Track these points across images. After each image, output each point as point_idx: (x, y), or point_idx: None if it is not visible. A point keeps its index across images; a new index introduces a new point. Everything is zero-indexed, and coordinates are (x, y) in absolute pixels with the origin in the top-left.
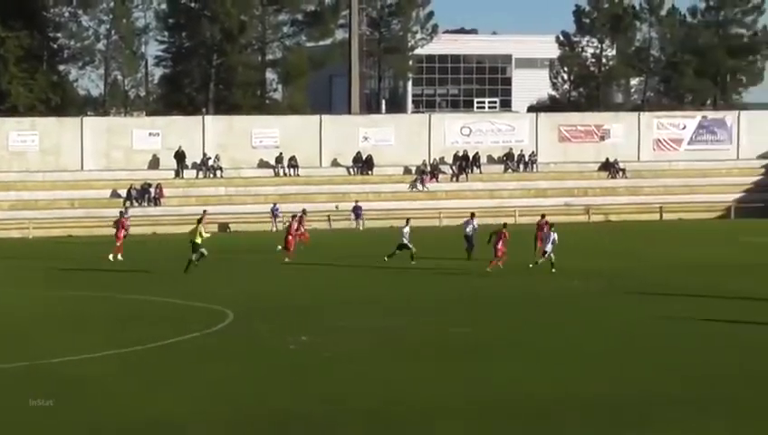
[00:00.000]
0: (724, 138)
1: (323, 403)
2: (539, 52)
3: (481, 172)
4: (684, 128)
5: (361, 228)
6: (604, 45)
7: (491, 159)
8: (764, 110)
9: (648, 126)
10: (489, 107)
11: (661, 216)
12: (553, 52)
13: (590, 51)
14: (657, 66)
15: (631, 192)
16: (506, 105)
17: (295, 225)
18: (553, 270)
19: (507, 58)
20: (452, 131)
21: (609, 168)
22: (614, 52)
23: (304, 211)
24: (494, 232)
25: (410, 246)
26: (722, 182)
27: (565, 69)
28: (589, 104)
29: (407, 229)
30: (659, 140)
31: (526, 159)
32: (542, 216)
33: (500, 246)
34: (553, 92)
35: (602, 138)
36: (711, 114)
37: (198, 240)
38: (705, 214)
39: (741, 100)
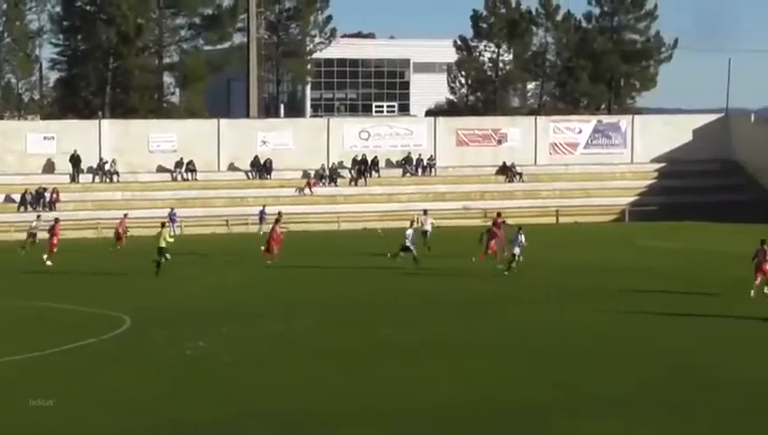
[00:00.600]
0: (619, 142)
1: (220, 408)
2: (437, 56)
3: (380, 176)
4: (579, 132)
5: (261, 233)
6: (501, 50)
7: (389, 163)
8: (657, 114)
9: (544, 130)
10: (388, 111)
11: (557, 219)
12: (451, 56)
13: (488, 55)
14: (553, 71)
15: (528, 196)
16: (405, 109)
17: (278, 228)
18: (507, 271)
19: (405, 62)
20: (351, 135)
21: (507, 171)
22: (511, 56)
23: (280, 214)
24: (486, 230)
25: (412, 247)
26: (616, 186)
27: (463, 73)
28: (486, 108)
29: (410, 231)
30: (555, 144)
31: (424, 163)
32: (498, 214)
33: (492, 244)
34: (451, 97)
35: (500, 142)
36: (606, 119)
37: (163, 244)
38: (600, 217)
39: (635, 104)
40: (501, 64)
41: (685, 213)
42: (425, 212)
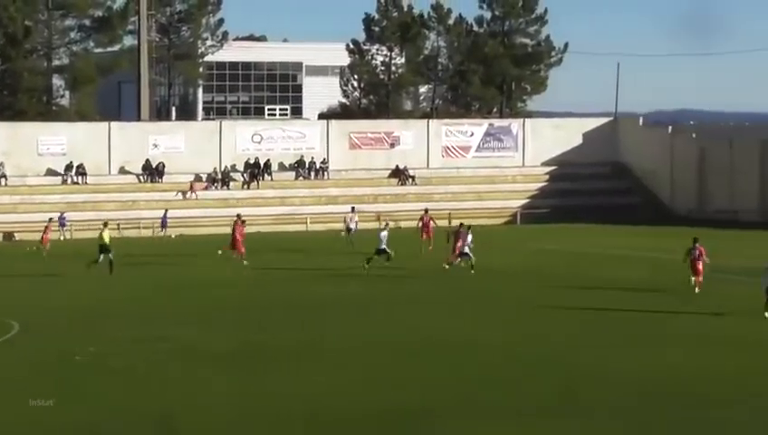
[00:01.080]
0: (510, 145)
1: (110, 414)
2: (329, 59)
3: (272, 179)
4: (471, 135)
5: (164, 236)
6: (393, 53)
7: (282, 167)
8: (548, 118)
9: (436, 133)
10: (280, 114)
11: (450, 221)
12: (344, 59)
13: (380, 59)
14: (446, 74)
15: (421, 199)
16: (297, 112)
17: (242, 228)
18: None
19: (298, 65)
20: (243, 139)
21: (399, 175)
22: (403, 60)
23: (239, 216)
24: (453, 232)
25: (388, 250)
26: (508, 189)
27: (355, 77)
28: (379, 112)
29: (384, 233)
30: (448, 148)
31: (317, 166)
32: (426, 211)
33: (459, 244)
34: (344, 100)
35: (392, 145)
36: (497, 122)
37: (106, 240)
38: (492, 220)
39: (526, 108)
40: (393, 68)
41: (575, 215)
42: (352, 209)
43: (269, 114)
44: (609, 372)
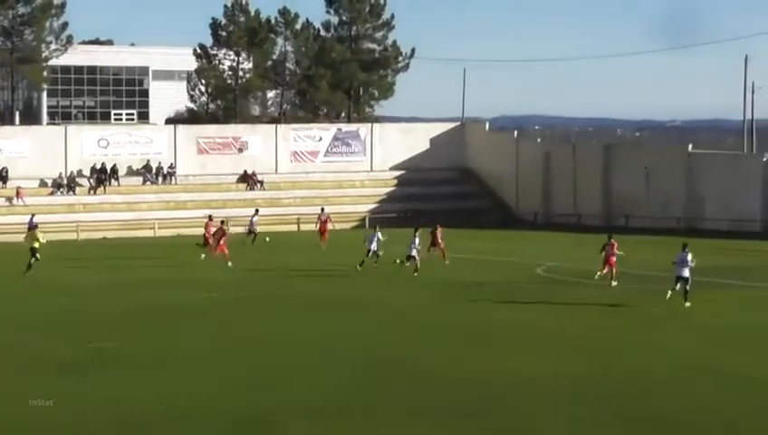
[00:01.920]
0: (359, 150)
1: None
2: (177, 64)
3: (119, 185)
4: (320, 140)
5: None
6: (241, 58)
7: (130, 172)
8: (395, 122)
9: (284, 138)
10: (127, 119)
11: (299, 226)
12: (191, 64)
13: (228, 63)
14: (293, 79)
15: (269, 204)
16: (144, 117)
17: (212, 229)
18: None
19: (144, 70)
20: (89, 143)
21: (248, 179)
22: (251, 65)
23: (210, 217)
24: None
25: (379, 254)
26: (357, 193)
27: (203, 81)
28: (227, 117)
29: (378, 235)
30: (296, 152)
31: (165, 171)
32: (322, 209)
33: (438, 240)
34: (191, 105)
35: (240, 150)
36: (345, 127)
37: (36, 245)
38: (341, 224)
39: (373, 113)
40: (241, 73)
41: (423, 219)
42: (256, 211)
43: (115, 119)
44: (452, 375)
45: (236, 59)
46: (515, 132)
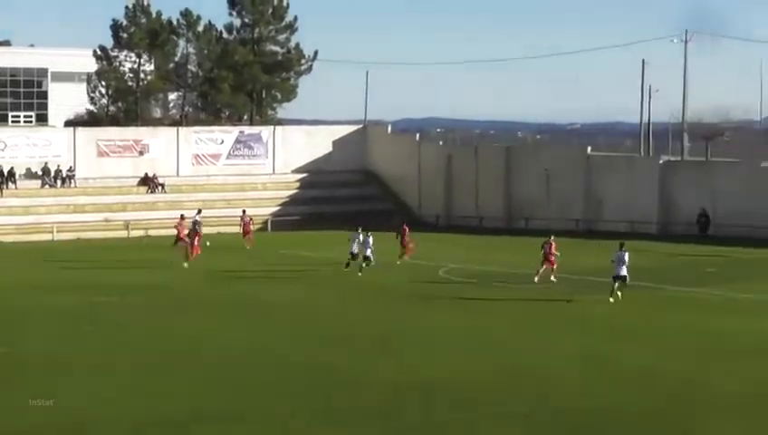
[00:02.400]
0: (261, 152)
1: None
2: (77, 66)
3: (17, 188)
4: (222, 142)
5: None
6: (142, 60)
7: (28, 175)
8: (298, 125)
9: (186, 141)
10: (25, 121)
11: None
12: (91, 66)
13: (129, 65)
14: (195, 81)
15: (171, 206)
16: (43, 119)
17: (185, 230)
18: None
19: (43, 71)
20: None
21: (149, 182)
22: (152, 66)
23: (182, 216)
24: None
25: (372, 256)
26: (259, 196)
27: (103, 83)
28: (127, 119)
29: (370, 239)
30: (198, 155)
31: (64, 174)
32: (243, 211)
33: (406, 240)
34: (91, 107)
35: (141, 153)
36: (248, 129)
37: None
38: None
39: (276, 115)
40: (142, 75)
41: (326, 222)
42: (198, 211)
43: (13, 121)
44: (364, 376)
45: (138, 61)
46: (417, 135)
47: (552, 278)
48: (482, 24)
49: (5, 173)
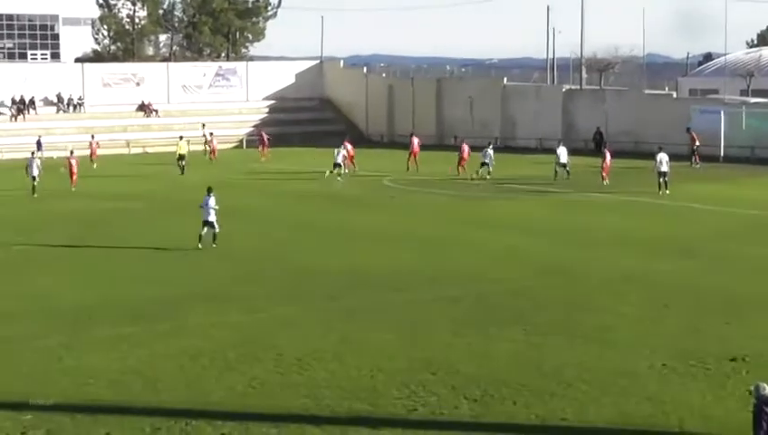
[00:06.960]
0: (237, 84)
1: None
2: (83, 12)
3: (36, 114)
4: (204, 75)
5: None
6: (137, 7)
7: (46, 102)
8: (266, 61)
9: (175, 74)
10: (41, 58)
11: (189, 147)
12: (95, 12)
13: (126, 12)
14: (181, 25)
15: (163, 128)
16: (56, 57)
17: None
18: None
19: (55, 17)
20: (9, 79)
21: (145, 109)
22: (145, 13)
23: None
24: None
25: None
26: (235, 120)
27: (105, 27)
28: (126, 56)
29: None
30: (185, 86)
31: (75, 102)
32: (211, 133)
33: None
34: (96, 46)
35: (138, 84)
36: (225, 65)
37: None
38: (223, 145)
39: (248, 53)
40: (137, 19)
41: (291, 140)
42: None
43: (31, 58)
44: (318, 267)
45: (133, 8)
46: (365, 68)
47: (472, 175)
48: None
49: (27, 102)
